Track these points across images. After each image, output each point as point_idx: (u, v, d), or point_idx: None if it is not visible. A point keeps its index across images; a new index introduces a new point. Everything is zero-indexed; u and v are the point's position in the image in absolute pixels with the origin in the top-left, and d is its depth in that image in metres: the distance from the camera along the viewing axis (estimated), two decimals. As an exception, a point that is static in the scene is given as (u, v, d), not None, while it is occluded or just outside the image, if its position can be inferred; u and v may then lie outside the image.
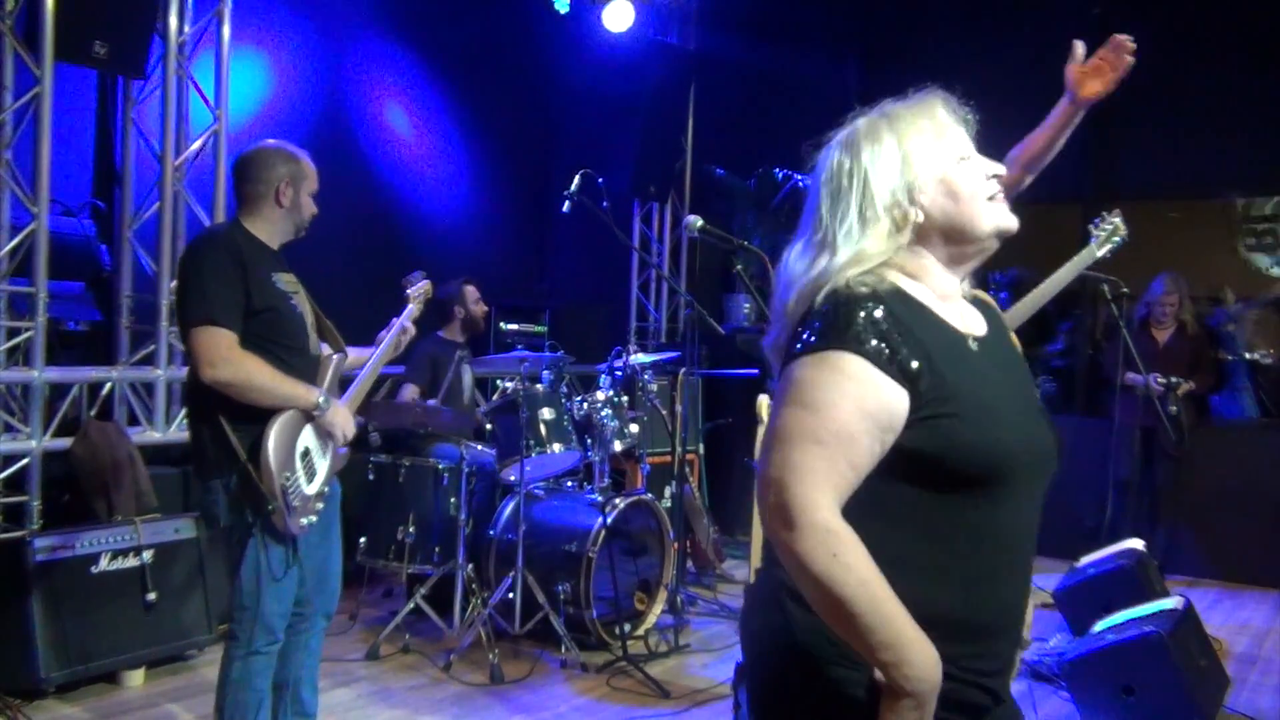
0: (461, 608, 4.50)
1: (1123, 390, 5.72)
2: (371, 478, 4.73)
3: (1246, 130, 6.36)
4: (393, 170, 6.27)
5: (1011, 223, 1.58)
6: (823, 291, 1.50)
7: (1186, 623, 3.86)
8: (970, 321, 1.60)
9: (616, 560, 4.52)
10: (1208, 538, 6.33)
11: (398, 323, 3.42)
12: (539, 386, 4.74)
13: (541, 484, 4.93)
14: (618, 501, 4.57)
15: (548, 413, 4.60)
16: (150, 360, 4.67)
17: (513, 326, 6.37)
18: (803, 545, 1.38)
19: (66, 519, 4.10)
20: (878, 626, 1.36)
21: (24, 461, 4.13)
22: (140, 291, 4.69)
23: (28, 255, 4.11)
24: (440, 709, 3.90)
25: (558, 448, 4.58)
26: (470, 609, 4.51)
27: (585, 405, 4.85)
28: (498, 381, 5.76)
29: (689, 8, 7.58)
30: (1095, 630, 3.94)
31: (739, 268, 3.51)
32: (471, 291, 5.25)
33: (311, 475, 2.92)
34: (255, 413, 2.80)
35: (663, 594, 4.75)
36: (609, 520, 4.46)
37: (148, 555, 4.00)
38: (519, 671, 4.25)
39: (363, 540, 4.66)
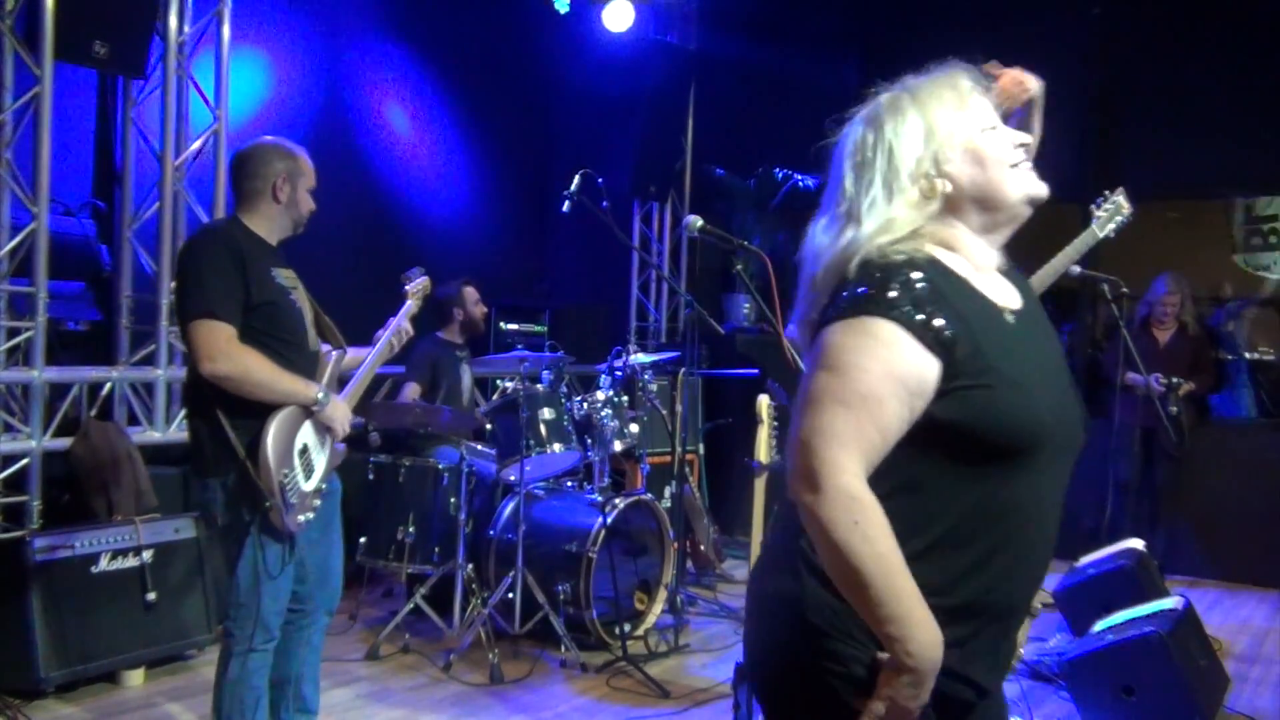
0: (461, 608, 4.50)
1: (1123, 390, 5.71)
2: (371, 478, 4.73)
3: (1247, 130, 6.35)
4: (392, 170, 6.27)
5: (1041, 189, 1.58)
6: (854, 261, 1.49)
7: (1186, 623, 3.86)
8: (1006, 294, 1.60)
9: (616, 560, 4.52)
10: (1208, 538, 6.33)
11: (395, 320, 3.41)
12: (539, 386, 4.74)
13: (541, 484, 4.93)
14: (618, 501, 4.57)
15: (548, 413, 4.59)
16: (150, 360, 4.67)
17: (513, 326, 6.37)
18: (826, 510, 1.38)
19: (66, 519, 4.10)
20: (888, 600, 1.37)
21: (24, 461, 4.13)
22: (140, 291, 4.69)
23: (28, 255, 4.11)
24: (440, 709, 3.90)
25: (558, 448, 4.58)
26: (470, 609, 4.51)
27: (585, 405, 4.85)
28: (498, 381, 5.76)
29: (689, 8, 7.58)
30: (1095, 630, 3.93)
31: (739, 268, 3.50)
32: (471, 293, 5.24)
33: (310, 472, 2.92)
34: (254, 409, 2.79)
35: (663, 594, 4.75)
36: (609, 520, 4.46)
37: (147, 555, 4.00)
38: (519, 671, 4.25)
39: (363, 540, 4.66)
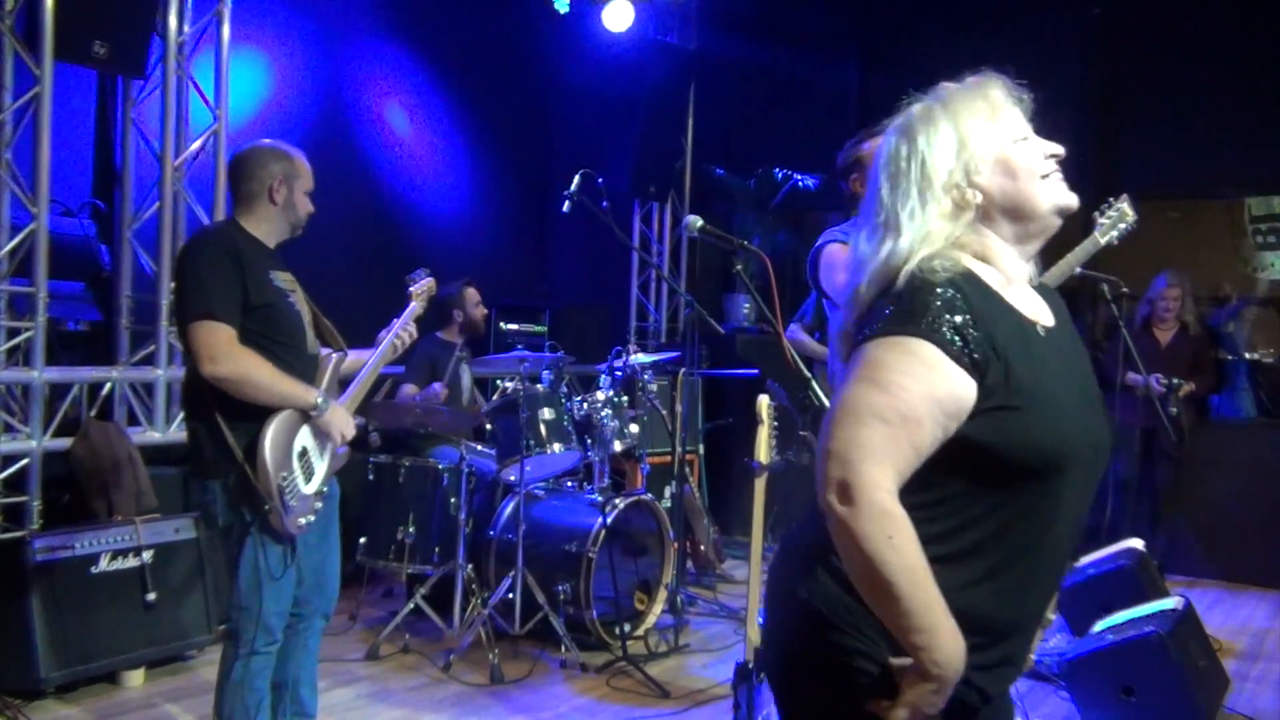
0: (461, 608, 4.50)
1: (1123, 390, 5.71)
2: (371, 478, 4.73)
3: (1248, 129, 6.35)
4: (392, 170, 6.26)
5: (1071, 200, 1.60)
6: (900, 274, 1.52)
7: (1186, 623, 3.86)
8: (1038, 309, 1.63)
9: (616, 560, 4.52)
10: (1208, 538, 6.32)
11: (399, 321, 3.39)
12: (539, 386, 4.74)
13: (541, 484, 4.93)
14: (618, 501, 4.57)
15: (548, 413, 4.59)
16: (150, 360, 4.67)
17: (513, 326, 6.37)
18: (860, 524, 1.41)
19: (66, 519, 4.10)
20: (916, 612, 1.41)
21: (24, 461, 4.12)
22: (140, 291, 4.68)
23: (28, 255, 4.10)
24: (440, 709, 3.90)
25: (558, 448, 4.58)
26: (470, 609, 4.51)
27: (585, 405, 4.84)
28: (498, 381, 5.76)
29: (689, 8, 7.57)
30: (1095, 630, 3.94)
31: (739, 268, 3.49)
32: (472, 294, 5.24)
33: (309, 475, 2.92)
34: (252, 412, 2.79)
35: (663, 594, 4.74)
36: (609, 520, 4.46)
37: (147, 555, 4.00)
38: (519, 671, 4.25)
39: (363, 540, 4.66)
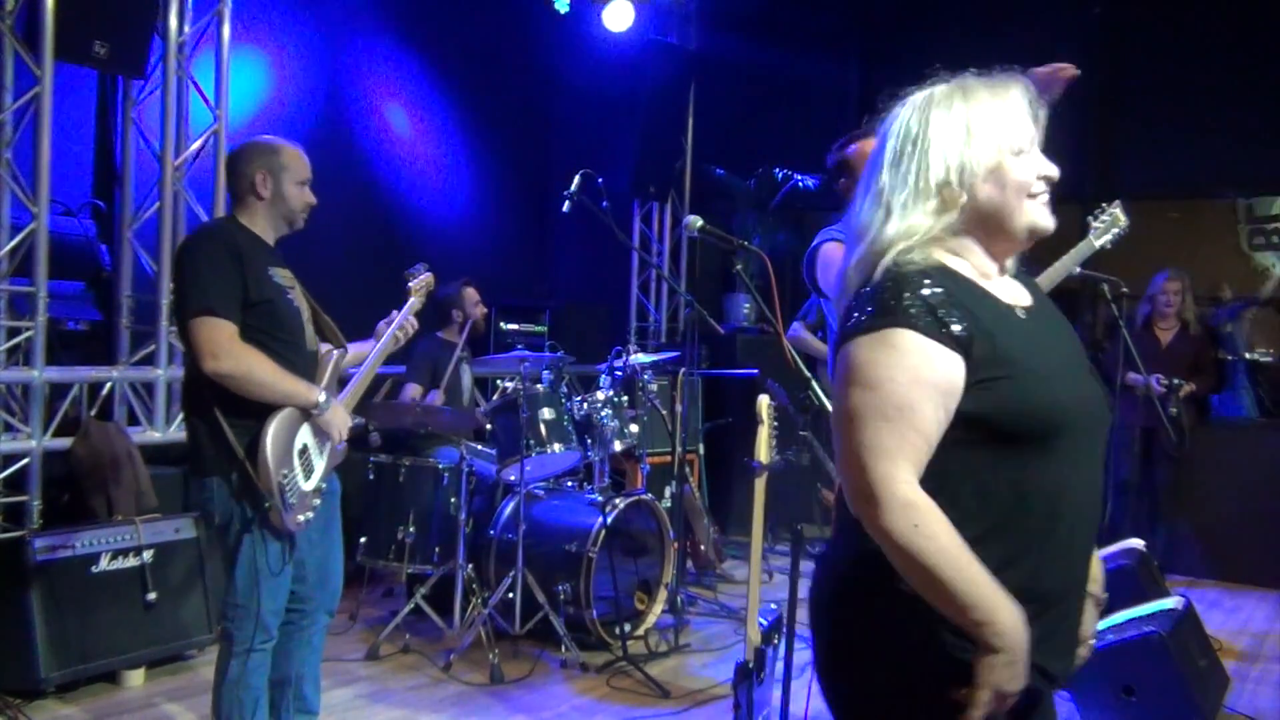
0: (461, 608, 4.50)
1: (1123, 390, 5.71)
2: (371, 478, 4.73)
3: (1247, 129, 6.35)
4: (392, 170, 6.26)
5: (1047, 223, 1.62)
6: (880, 263, 1.56)
7: (1186, 623, 3.86)
8: (1015, 293, 1.66)
9: (616, 560, 4.52)
10: (1208, 538, 6.32)
11: (398, 316, 3.38)
12: (539, 386, 4.74)
13: (541, 484, 4.93)
14: (618, 501, 4.57)
15: (548, 413, 4.59)
16: (150, 360, 4.67)
17: (513, 326, 6.37)
18: (887, 521, 1.45)
19: (66, 518, 4.10)
20: (963, 590, 1.44)
21: (24, 461, 4.12)
22: (140, 291, 4.68)
23: (28, 255, 4.10)
24: (440, 709, 3.90)
25: (558, 448, 4.58)
26: (470, 609, 4.51)
27: (585, 405, 4.84)
28: (498, 381, 5.76)
29: (689, 8, 7.57)
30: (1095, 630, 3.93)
31: (739, 268, 3.50)
32: (471, 294, 5.22)
33: (309, 472, 2.92)
34: (253, 409, 2.78)
35: (663, 594, 4.74)
36: (609, 520, 4.46)
37: (148, 555, 4.00)
38: (519, 671, 4.25)
39: (363, 540, 4.66)
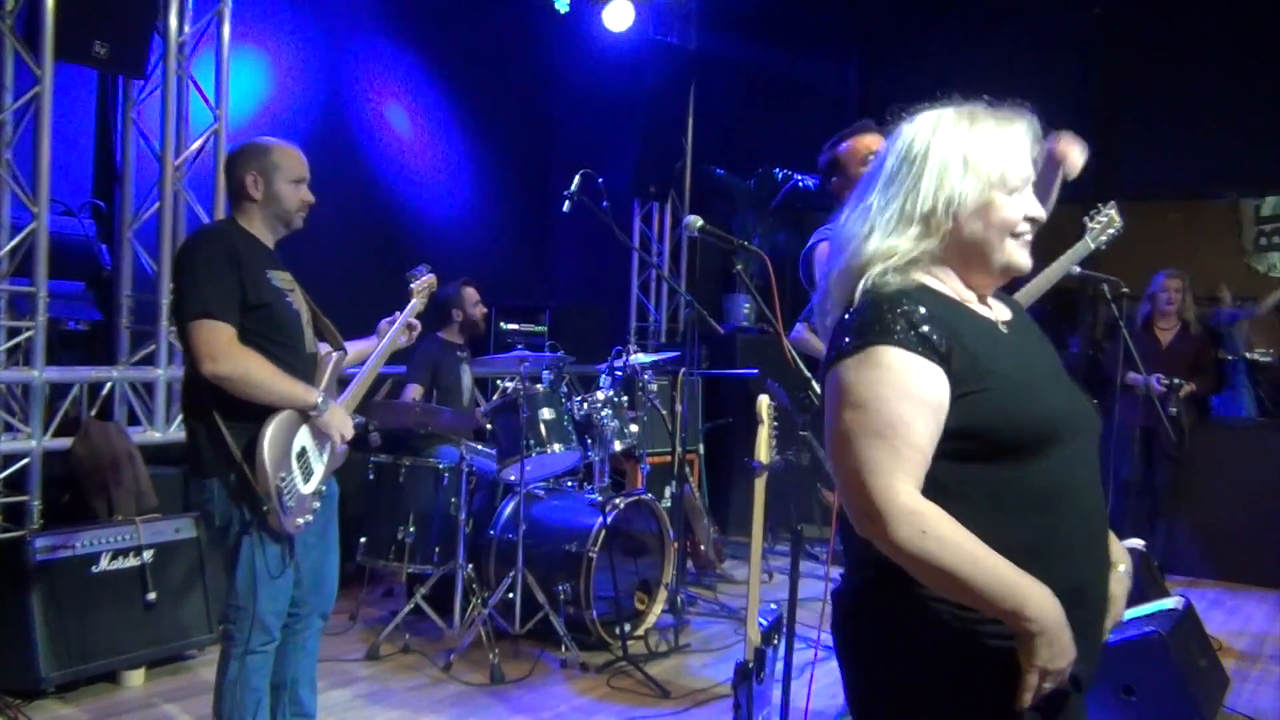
0: (461, 608, 4.50)
1: (1123, 390, 5.71)
2: (371, 478, 4.73)
3: (1247, 129, 6.35)
4: (393, 170, 6.26)
5: (1023, 264, 1.65)
6: (860, 282, 1.59)
7: (1186, 623, 3.86)
8: (995, 309, 1.69)
9: (616, 560, 4.52)
10: (1208, 538, 6.32)
11: (401, 316, 3.38)
12: (539, 386, 4.74)
13: (541, 484, 4.93)
14: (618, 501, 4.57)
15: (548, 413, 4.59)
16: (150, 360, 4.67)
17: (513, 326, 6.37)
18: (893, 533, 1.46)
19: (66, 518, 4.10)
20: (986, 583, 1.44)
21: (24, 461, 4.12)
22: (140, 291, 4.68)
23: (28, 255, 4.10)
24: (440, 709, 3.90)
25: (558, 448, 4.58)
26: (470, 609, 4.51)
27: (585, 405, 4.84)
28: (498, 381, 5.76)
29: (689, 8, 7.57)
30: (1095, 630, 3.93)
31: (739, 268, 3.49)
32: (470, 293, 5.23)
33: (308, 475, 2.92)
34: (251, 411, 2.78)
35: (663, 594, 4.74)
36: (609, 520, 4.46)
37: (148, 555, 4.00)
38: (519, 671, 4.25)
39: (363, 540, 4.66)
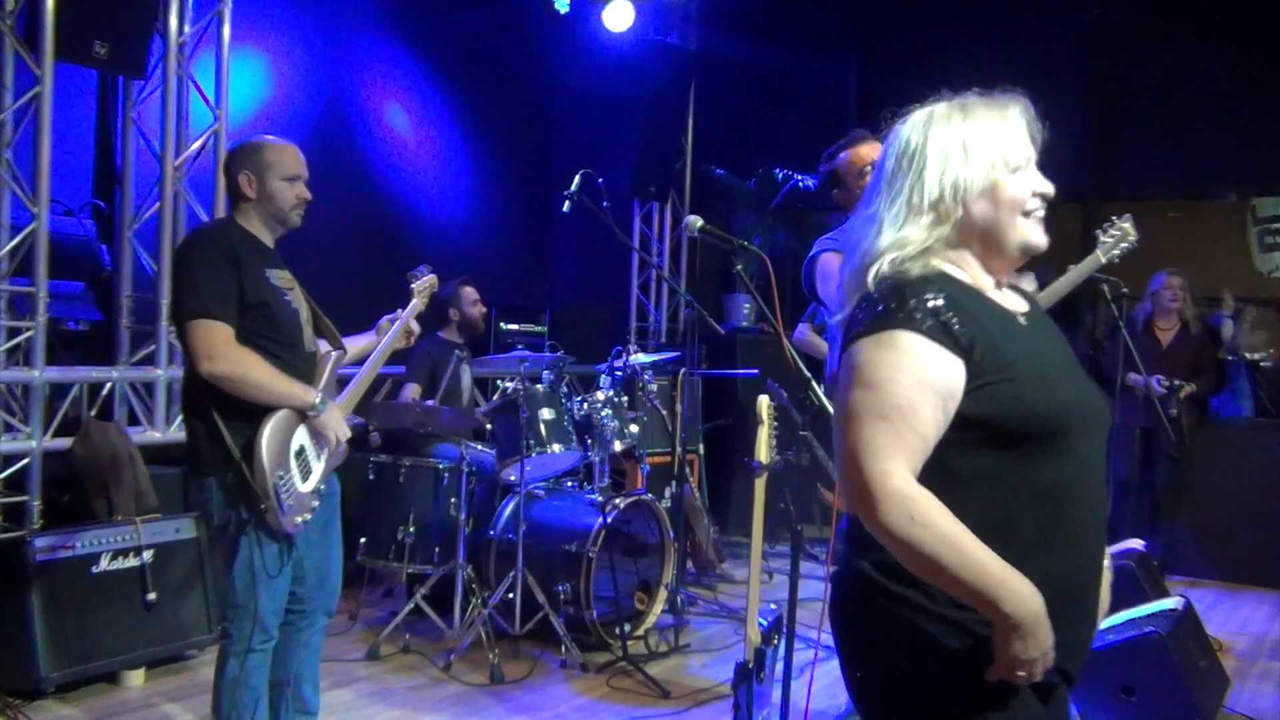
0: (461, 608, 4.50)
1: (1123, 390, 5.71)
2: (371, 478, 4.73)
3: (1248, 129, 6.35)
4: (392, 170, 6.26)
5: (1039, 241, 1.66)
6: (870, 272, 1.60)
7: (1186, 623, 3.86)
8: (1014, 302, 1.70)
9: (616, 560, 4.51)
10: (1208, 538, 6.32)
11: (403, 315, 3.37)
12: (539, 386, 4.74)
13: (541, 484, 4.93)
14: (618, 501, 4.57)
15: (548, 413, 4.59)
16: (150, 360, 4.67)
17: (513, 326, 6.37)
18: (882, 515, 1.48)
19: (66, 519, 4.10)
20: (968, 574, 1.46)
21: (24, 461, 4.12)
22: (140, 291, 4.68)
23: (28, 255, 4.10)
24: (440, 709, 3.90)
25: (558, 448, 4.58)
26: (470, 609, 4.51)
27: (585, 405, 4.84)
28: (498, 381, 5.75)
29: (689, 8, 7.57)
30: (1095, 630, 3.93)
31: (739, 268, 3.50)
32: (469, 293, 5.21)
33: (306, 474, 2.91)
34: (250, 411, 2.79)
35: (663, 594, 4.74)
36: (609, 520, 4.46)
37: (148, 555, 4.00)
38: (519, 671, 4.25)
39: (363, 540, 4.66)
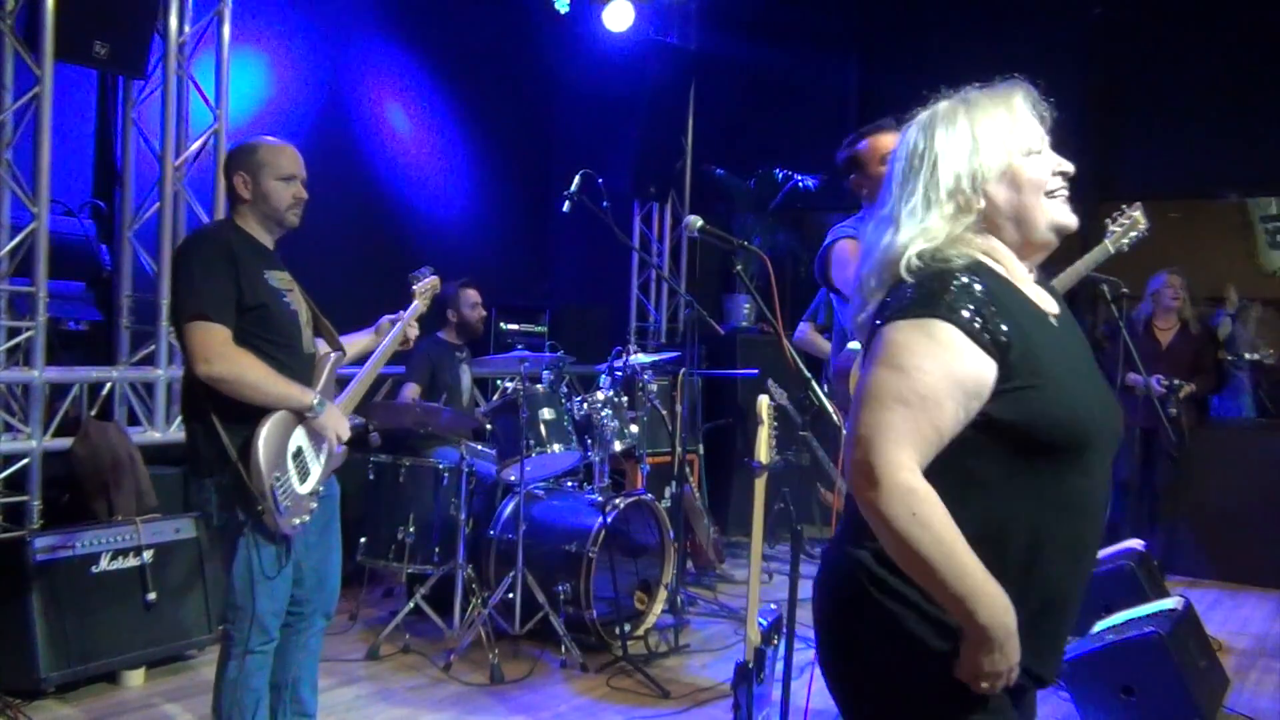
0: (461, 608, 4.50)
1: (1123, 390, 5.71)
2: (371, 478, 4.73)
3: (1248, 129, 6.35)
4: (393, 170, 6.26)
5: (1070, 221, 1.63)
6: (900, 264, 1.57)
7: (1186, 623, 3.87)
8: (1046, 300, 1.67)
9: (616, 560, 4.51)
10: (1208, 538, 6.33)
11: (404, 316, 3.37)
12: (539, 386, 4.74)
13: (541, 484, 4.93)
14: (618, 501, 4.57)
15: (548, 413, 4.59)
16: (150, 360, 4.67)
17: (513, 326, 6.37)
18: (885, 504, 1.47)
19: (66, 519, 4.10)
20: (952, 579, 1.45)
21: (24, 461, 4.12)
22: (140, 291, 4.68)
23: (28, 255, 4.11)
24: (440, 709, 3.90)
25: (558, 448, 4.58)
26: (470, 609, 4.51)
27: (585, 405, 4.84)
28: (498, 381, 5.76)
29: (689, 8, 7.57)
30: (1095, 630, 3.94)
31: (739, 268, 3.50)
32: (469, 295, 5.18)
33: (305, 475, 2.91)
34: (247, 412, 2.79)
35: (663, 594, 4.74)
36: (609, 520, 4.46)
37: (148, 555, 4.00)
38: (519, 671, 4.25)
39: (363, 540, 4.66)
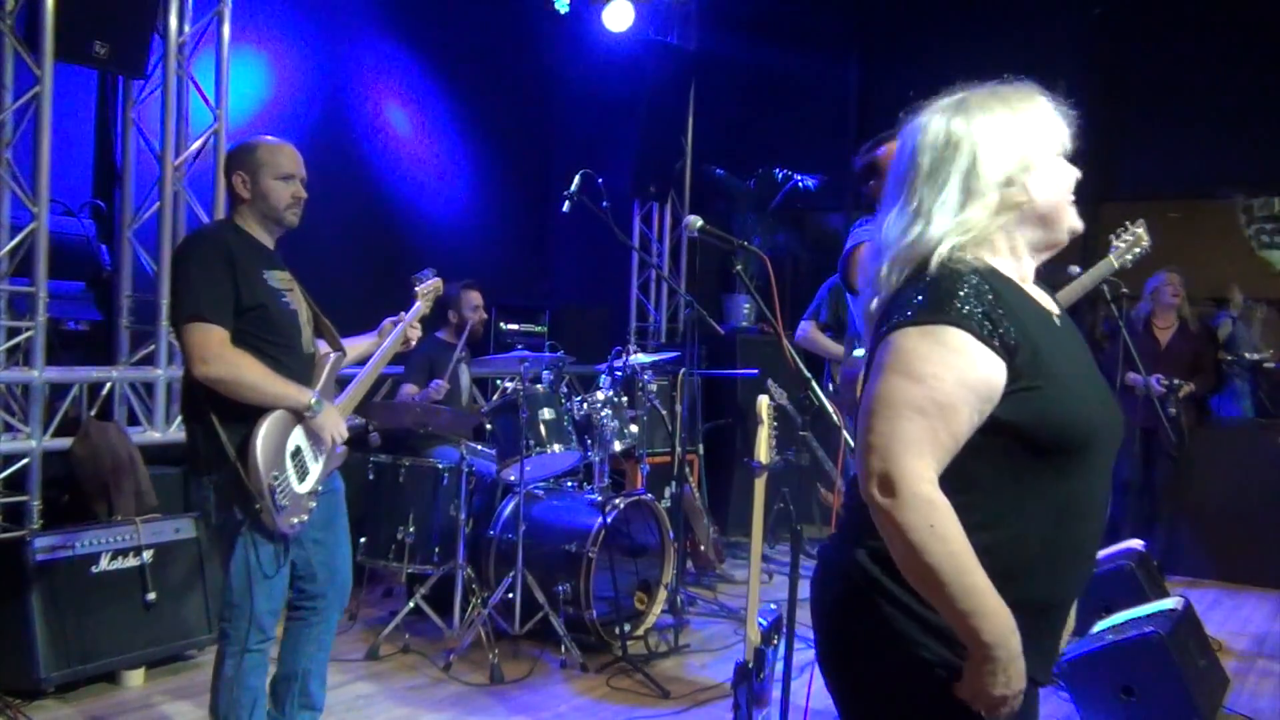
0: (461, 608, 4.50)
1: (1123, 390, 5.71)
2: (371, 478, 4.73)
3: (1248, 129, 6.35)
4: (393, 170, 6.26)
5: (1079, 224, 1.64)
6: (933, 260, 1.53)
7: (1186, 623, 3.87)
8: (1048, 301, 1.67)
9: (616, 560, 4.52)
10: (1208, 538, 6.33)
11: (406, 318, 3.37)
12: (539, 386, 4.74)
13: (541, 484, 4.93)
14: (618, 501, 4.57)
15: (548, 413, 4.59)
16: (150, 360, 4.67)
17: (513, 326, 6.37)
18: (903, 515, 1.45)
19: (66, 519, 4.10)
20: (962, 596, 1.44)
21: (24, 461, 4.12)
22: (140, 291, 4.69)
23: (28, 255, 4.11)
24: (440, 709, 3.90)
25: (558, 448, 4.58)
26: (470, 609, 4.51)
27: (585, 405, 4.84)
28: (498, 381, 5.76)
29: (689, 8, 7.57)
30: (1095, 630, 3.94)
31: (739, 268, 3.50)
32: (471, 297, 5.15)
33: (303, 474, 2.91)
34: (246, 411, 2.79)
35: (663, 594, 4.74)
36: (609, 520, 4.46)
37: (148, 555, 4.00)
38: (519, 671, 4.25)
39: (363, 540, 4.66)
